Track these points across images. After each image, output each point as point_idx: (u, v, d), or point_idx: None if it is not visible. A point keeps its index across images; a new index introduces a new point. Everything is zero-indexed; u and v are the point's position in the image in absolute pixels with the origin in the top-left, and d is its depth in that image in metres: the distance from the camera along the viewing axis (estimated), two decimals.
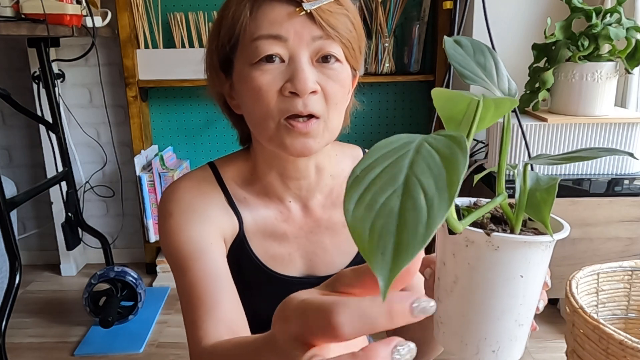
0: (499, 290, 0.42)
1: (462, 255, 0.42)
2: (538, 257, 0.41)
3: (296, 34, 0.59)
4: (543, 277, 0.43)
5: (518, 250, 0.40)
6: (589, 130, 1.42)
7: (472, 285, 0.42)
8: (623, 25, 1.36)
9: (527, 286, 0.42)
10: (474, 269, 0.42)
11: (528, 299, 0.42)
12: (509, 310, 0.42)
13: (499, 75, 0.41)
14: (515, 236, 0.40)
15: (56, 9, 1.59)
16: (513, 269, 0.41)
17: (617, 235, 1.44)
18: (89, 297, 1.85)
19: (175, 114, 2.28)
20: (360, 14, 2.06)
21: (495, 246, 0.40)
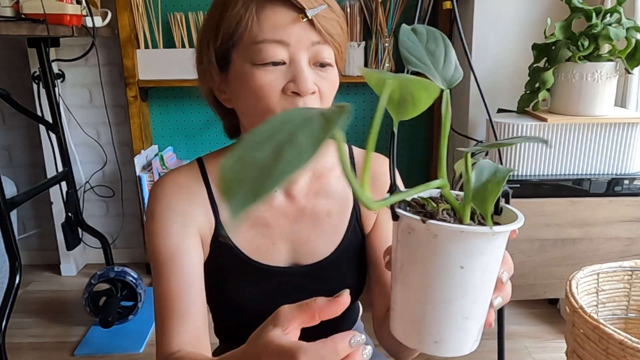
0: (439, 280, 0.41)
1: (405, 242, 0.42)
2: (480, 249, 0.40)
3: (297, 39, 0.63)
4: (492, 270, 0.42)
5: (456, 239, 0.39)
6: (589, 130, 1.42)
7: (414, 273, 0.42)
8: (623, 25, 1.36)
9: (468, 278, 0.40)
10: (415, 257, 0.42)
11: (472, 292, 0.41)
12: (449, 301, 0.41)
13: (446, 62, 0.41)
14: (450, 225, 0.39)
15: (56, 9, 1.59)
16: (452, 259, 0.40)
17: (617, 235, 1.44)
18: (89, 297, 1.85)
19: (175, 114, 2.28)
20: (360, 14, 2.06)
21: (433, 234, 0.40)
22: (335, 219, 0.76)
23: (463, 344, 0.43)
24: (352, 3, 2.04)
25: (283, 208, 0.75)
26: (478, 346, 0.45)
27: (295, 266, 0.76)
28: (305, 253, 0.76)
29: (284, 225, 0.75)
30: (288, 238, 0.75)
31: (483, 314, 0.43)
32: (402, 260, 0.43)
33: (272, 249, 0.75)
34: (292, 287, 0.75)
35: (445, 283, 0.41)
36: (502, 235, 0.41)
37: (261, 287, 0.75)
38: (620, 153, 1.43)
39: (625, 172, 1.45)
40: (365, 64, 2.12)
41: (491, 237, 0.40)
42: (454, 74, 0.41)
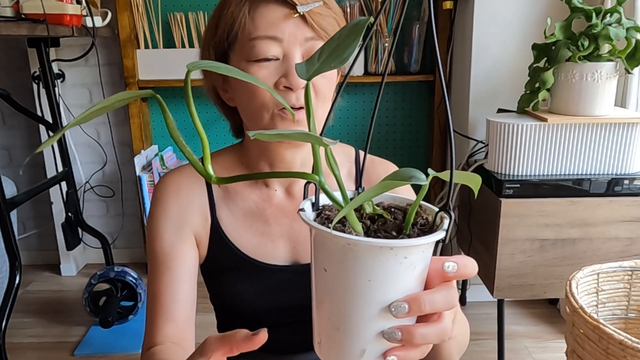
0: (314, 276, 0.40)
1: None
2: (338, 255, 0.37)
3: (290, 34, 0.64)
4: (362, 287, 0.37)
5: (318, 236, 0.39)
6: (589, 130, 1.42)
7: (311, 266, 0.42)
8: (623, 25, 1.36)
9: (330, 282, 0.38)
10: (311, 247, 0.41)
11: (338, 301, 0.38)
12: (320, 302, 0.40)
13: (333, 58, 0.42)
14: (309, 220, 0.39)
15: (56, 9, 1.59)
16: (317, 257, 0.39)
17: (617, 235, 1.44)
18: (89, 297, 1.85)
19: (175, 114, 2.28)
20: (360, 14, 2.06)
21: (308, 228, 0.40)
22: None
23: (341, 358, 0.40)
24: (352, 3, 2.04)
25: (283, 206, 0.76)
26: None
27: (295, 264, 0.76)
28: (304, 251, 0.76)
29: (283, 224, 0.75)
30: (288, 236, 0.76)
31: (362, 336, 0.38)
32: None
33: (272, 247, 0.75)
34: (292, 285, 0.75)
35: (318, 282, 0.40)
36: (368, 250, 0.36)
37: (261, 285, 0.75)
38: (620, 153, 1.43)
39: (625, 172, 1.45)
40: (365, 64, 2.12)
41: (345, 245, 0.36)
42: (327, 67, 0.40)
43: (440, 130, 2.16)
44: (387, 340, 0.38)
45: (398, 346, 0.39)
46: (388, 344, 0.38)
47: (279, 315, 0.77)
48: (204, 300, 0.85)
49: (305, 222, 0.38)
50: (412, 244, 0.36)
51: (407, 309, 0.37)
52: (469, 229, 1.70)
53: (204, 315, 1.70)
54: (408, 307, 0.37)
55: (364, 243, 0.35)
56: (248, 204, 0.75)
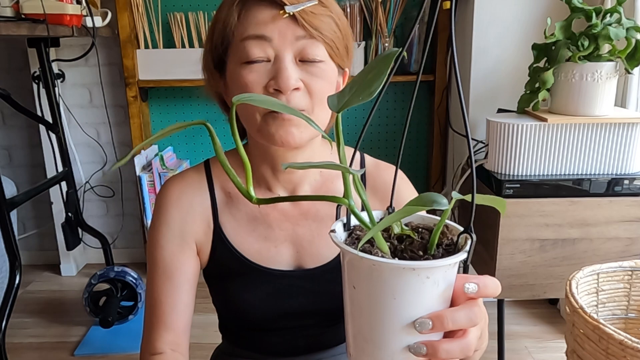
0: (345, 291, 0.43)
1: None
2: (364, 274, 0.39)
3: (280, 34, 0.63)
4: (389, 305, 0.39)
5: (347, 257, 0.41)
6: (589, 130, 1.42)
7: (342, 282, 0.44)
8: (623, 25, 1.36)
9: (360, 299, 0.41)
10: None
11: (366, 316, 0.40)
12: (352, 316, 0.43)
13: (362, 92, 0.42)
14: (339, 242, 0.41)
15: (56, 9, 1.59)
16: (348, 276, 0.42)
17: (617, 235, 1.44)
18: (89, 297, 1.85)
19: (175, 114, 2.28)
20: (360, 14, 2.06)
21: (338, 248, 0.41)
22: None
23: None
24: (352, 3, 2.04)
25: (287, 211, 0.75)
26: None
27: (299, 269, 0.75)
28: (308, 256, 0.75)
29: (287, 228, 0.75)
30: (291, 241, 0.75)
31: (389, 348, 0.40)
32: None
33: (275, 252, 0.75)
34: (296, 289, 0.75)
35: (348, 298, 0.43)
36: (392, 270, 0.38)
37: (264, 289, 0.75)
38: (620, 153, 1.43)
39: (625, 172, 1.45)
40: (365, 64, 2.12)
41: (370, 266, 0.38)
42: (355, 99, 0.41)
43: (440, 130, 2.16)
44: (413, 355, 0.40)
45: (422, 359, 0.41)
46: (415, 357, 0.40)
47: (281, 319, 0.77)
48: (204, 300, 0.85)
49: (335, 244, 0.41)
50: (433, 266, 0.38)
51: (430, 326, 0.39)
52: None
53: (204, 315, 1.70)
54: (432, 324, 0.39)
55: (387, 264, 0.37)
56: (251, 209, 0.74)
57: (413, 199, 0.40)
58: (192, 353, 0.98)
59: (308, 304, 0.76)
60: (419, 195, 0.40)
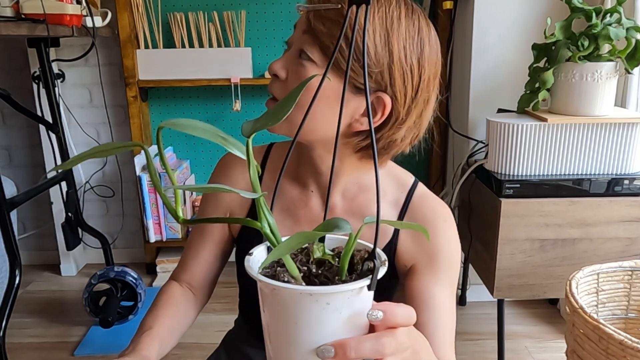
0: (262, 315, 0.44)
1: None
2: (268, 298, 0.40)
3: (297, 27, 0.67)
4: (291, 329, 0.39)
5: (257, 285, 0.42)
6: (589, 130, 1.42)
7: None
8: (623, 25, 1.36)
9: (267, 322, 0.42)
10: None
11: (274, 339, 0.41)
12: (265, 340, 0.43)
13: (270, 117, 0.43)
14: (249, 265, 0.42)
15: (56, 9, 1.59)
16: (259, 299, 0.42)
17: (617, 235, 1.44)
18: (89, 297, 1.85)
19: (175, 114, 2.28)
20: None
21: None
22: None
23: None
24: None
25: (316, 209, 0.75)
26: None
27: None
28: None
29: (312, 226, 0.75)
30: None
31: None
32: None
33: None
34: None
35: (262, 318, 0.43)
36: (290, 295, 0.38)
37: None
38: (620, 153, 1.43)
39: (625, 172, 1.45)
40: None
41: (272, 290, 0.39)
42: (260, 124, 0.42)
43: (440, 130, 2.16)
44: None
45: None
46: None
47: None
48: None
49: (246, 267, 0.42)
50: (330, 292, 0.38)
51: (332, 354, 0.38)
52: (469, 229, 1.70)
53: (204, 316, 1.70)
54: (334, 352, 0.38)
55: (284, 289, 0.38)
56: (286, 200, 0.77)
57: (319, 225, 0.40)
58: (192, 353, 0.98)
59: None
60: (325, 221, 0.40)
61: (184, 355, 1.71)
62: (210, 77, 2.05)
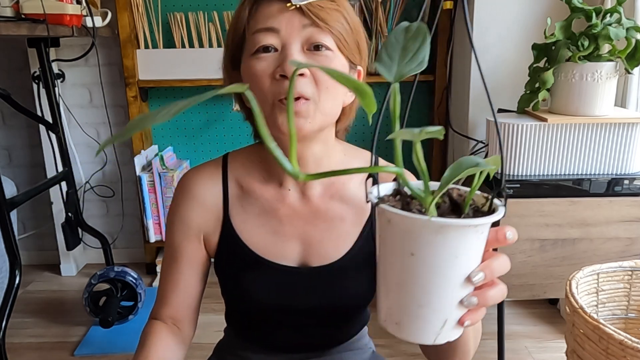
0: (393, 262, 0.43)
1: (377, 223, 0.45)
2: (429, 239, 0.40)
3: (287, 24, 0.65)
4: (452, 265, 0.41)
5: (404, 226, 0.41)
6: (589, 130, 1.42)
7: (379, 253, 0.45)
8: (623, 25, 1.36)
9: (418, 266, 0.41)
10: (379, 237, 0.44)
11: (424, 281, 0.42)
12: (402, 285, 0.43)
13: (411, 59, 0.43)
14: (396, 210, 0.41)
15: (56, 9, 1.59)
16: (403, 245, 0.42)
17: (617, 235, 1.44)
18: (89, 297, 1.85)
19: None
20: (360, 14, 2.06)
21: (387, 219, 0.42)
22: (349, 225, 0.76)
23: (422, 332, 0.44)
24: (352, 3, 2.04)
25: (297, 207, 0.76)
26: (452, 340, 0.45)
27: (304, 267, 0.76)
28: (314, 255, 0.76)
29: (296, 224, 0.76)
30: (299, 238, 0.76)
31: (446, 308, 0.43)
32: (377, 243, 0.46)
33: (282, 247, 0.76)
34: (300, 286, 0.76)
35: (400, 267, 0.43)
36: (458, 230, 0.40)
37: (271, 283, 0.76)
38: (620, 153, 1.43)
39: (625, 172, 1.45)
40: None
41: (437, 229, 0.40)
42: (409, 69, 0.42)
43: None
44: (465, 307, 0.44)
45: (467, 311, 0.44)
46: (462, 310, 0.44)
47: (284, 315, 0.78)
48: (204, 300, 0.86)
49: (393, 214, 0.41)
50: (490, 221, 0.41)
51: (484, 277, 0.43)
52: None
53: (204, 316, 1.69)
54: (484, 275, 0.43)
55: (456, 224, 0.39)
56: (262, 203, 0.76)
57: (454, 164, 0.42)
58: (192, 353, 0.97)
59: (311, 302, 0.77)
60: (460, 160, 0.42)
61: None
62: (210, 77, 2.05)
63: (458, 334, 0.45)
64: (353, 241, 0.76)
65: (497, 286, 0.46)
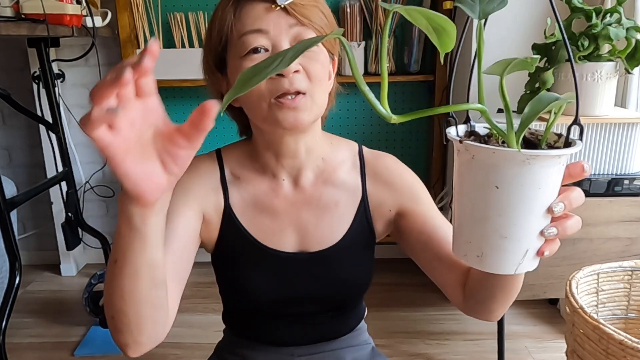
0: (477, 198, 0.45)
1: (456, 162, 0.47)
2: (514, 171, 0.42)
3: (275, 25, 0.68)
4: (534, 196, 0.43)
5: (489, 160, 0.43)
6: (589, 130, 1.42)
7: (461, 192, 0.47)
8: (623, 25, 1.36)
9: (503, 198, 0.43)
10: (460, 174, 0.46)
11: (509, 213, 0.44)
12: (487, 218, 0.45)
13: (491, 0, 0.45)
14: (482, 145, 0.43)
15: (56, 9, 1.59)
16: (487, 179, 0.44)
17: (617, 235, 1.44)
18: (89, 297, 1.85)
19: (175, 114, 2.28)
20: (360, 14, 2.06)
21: (471, 154, 0.44)
22: (343, 209, 0.79)
23: (504, 263, 0.46)
24: (352, 3, 2.04)
25: (290, 196, 0.78)
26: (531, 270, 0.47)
27: (302, 252, 0.78)
28: (312, 240, 0.78)
29: (292, 213, 0.78)
30: (295, 225, 0.78)
31: (528, 238, 0.45)
32: (455, 181, 0.47)
33: (280, 234, 0.78)
34: (299, 272, 0.78)
35: (483, 201, 0.45)
36: (543, 161, 0.42)
37: (271, 271, 0.78)
38: (620, 153, 1.43)
39: (625, 172, 1.45)
40: (365, 64, 2.12)
41: (524, 161, 0.42)
42: (493, 7, 0.45)
43: (441, 130, 2.16)
44: (545, 238, 0.46)
45: (546, 242, 0.47)
46: (542, 241, 0.46)
47: (286, 304, 0.80)
48: (204, 300, 0.86)
49: (478, 149, 0.43)
50: (572, 152, 0.43)
51: (563, 207, 0.46)
52: None
53: (204, 315, 1.70)
54: (564, 205, 0.46)
55: (542, 155, 0.42)
56: (257, 193, 0.78)
57: (534, 99, 0.44)
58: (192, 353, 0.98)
59: (310, 289, 0.79)
60: (539, 96, 0.45)
61: (184, 355, 1.71)
62: None
63: (536, 265, 0.47)
64: (349, 223, 0.79)
65: (573, 217, 0.48)
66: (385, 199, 0.80)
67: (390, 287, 2.16)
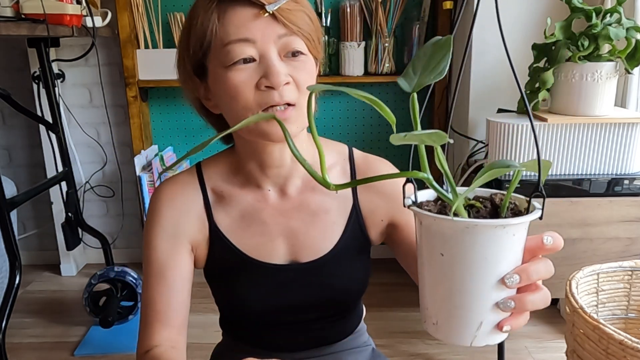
0: (426, 264, 0.44)
1: (415, 228, 0.46)
2: (457, 239, 0.41)
3: (263, 34, 0.64)
4: (482, 266, 0.41)
5: (433, 226, 0.42)
6: (589, 130, 1.42)
7: (419, 254, 0.45)
8: (623, 25, 1.36)
9: (448, 266, 0.42)
10: (418, 238, 0.45)
11: (457, 282, 0.42)
12: (436, 286, 0.44)
13: (432, 70, 0.44)
14: (423, 211, 0.42)
15: (56, 9, 1.59)
16: (433, 245, 0.43)
17: (617, 235, 1.44)
18: (89, 297, 1.85)
19: (175, 114, 2.28)
20: (360, 14, 2.06)
21: (419, 220, 0.43)
22: (334, 216, 0.76)
23: (458, 333, 0.44)
24: (352, 3, 2.04)
25: (278, 205, 0.76)
26: (493, 344, 0.45)
27: (295, 263, 0.76)
28: (303, 248, 0.76)
29: (280, 222, 0.76)
30: (285, 235, 0.76)
31: (480, 310, 0.43)
32: (417, 245, 0.46)
33: (271, 246, 0.76)
34: (294, 283, 0.76)
35: (431, 267, 0.43)
36: (484, 231, 0.40)
37: (264, 284, 0.76)
38: (620, 153, 1.43)
39: (625, 172, 1.45)
40: (365, 64, 2.12)
41: (463, 230, 0.40)
42: (428, 79, 0.43)
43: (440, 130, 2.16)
44: (502, 311, 0.43)
45: (508, 317, 0.43)
46: (501, 314, 0.43)
47: (281, 314, 0.78)
48: (204, 300, 0.86)
49: (422, 216, 0.42)
50: (521, 222, 0.41)
51: (519, 280, 0.42)
52: None
53: (204, 315, 1.70)
54: (519, 278, 0.42)
55: (482, 224, 0.40)
56: (244, 206, 0.76)
57: (486, 166, 0.43)
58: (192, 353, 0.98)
59: (307, 297, 0.77)
60: (492, 163, 0.43)
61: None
62: None
63: (499, 339, 0.44)
64: (341, 231, 0.76)
65: (539, 291, 0.45)
66: (377, 207, 0.77)
67: (389, 287, 2.16)
